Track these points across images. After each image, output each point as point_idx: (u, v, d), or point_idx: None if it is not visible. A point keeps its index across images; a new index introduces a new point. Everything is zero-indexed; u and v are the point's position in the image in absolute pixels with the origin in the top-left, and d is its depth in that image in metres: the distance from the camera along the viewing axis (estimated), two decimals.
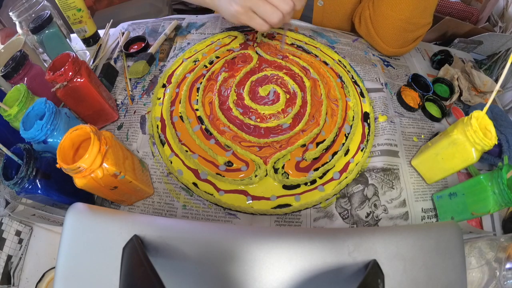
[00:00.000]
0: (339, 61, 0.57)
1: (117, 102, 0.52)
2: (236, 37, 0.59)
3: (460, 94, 0.55)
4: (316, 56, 0.57)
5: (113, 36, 0.65)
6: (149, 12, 1.18)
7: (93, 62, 0.59)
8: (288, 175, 0.42)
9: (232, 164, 0.43)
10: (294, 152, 0.44)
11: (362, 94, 0.52)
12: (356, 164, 0.44)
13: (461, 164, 0.38)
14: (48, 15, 0.52)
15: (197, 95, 0.50)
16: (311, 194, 0.41)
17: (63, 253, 0.25)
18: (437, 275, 0.24)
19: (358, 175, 0.43)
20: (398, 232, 0.26)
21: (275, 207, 0.40)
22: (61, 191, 0.36)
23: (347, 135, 0.47)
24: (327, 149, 0.45)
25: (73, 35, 0.66)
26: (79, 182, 0.32)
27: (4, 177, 0.34)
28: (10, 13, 0.57)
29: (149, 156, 0.45)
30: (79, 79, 0.41)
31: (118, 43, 0.62)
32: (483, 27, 0.68)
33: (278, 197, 0.41)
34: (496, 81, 0.63)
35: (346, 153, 0.45)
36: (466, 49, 0.69)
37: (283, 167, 0.43)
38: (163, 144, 0.45)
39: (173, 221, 0.28)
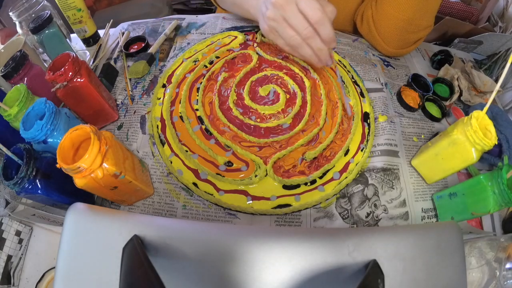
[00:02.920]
0: (339, 61, 0.57)
1: (117, 102, 0.52)
2: (236, 37, 0.59)
3: (460, 94, 0.55)
4: None
5: (113, 36, 0.65)
6: (149, 12, 1.18)
7: (93, 62, 0.59)
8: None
9: (232, 164, 0.43)
10: (294, 152, 0.44)
11: (362, 94, 0.52)
12: (356, 164, 0.44)
13: (461, 164, 0.38)
14: (48, 15, 0.52)
15: (197, 95, 0.50)
16: (311, 194, 0.41)
17: (63, 253, 0.25)
18: (437, 275, 0.24)
19: (358, 175, 0.43)
20: (398, 232, 0.26)
21: (275, 207, 0.40)
22: (61, 191, 0.36)
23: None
24: (326, 149, 0.45)
25: (73, 35, 0.67)
26: (79, 182, 0.32)
27: (4, 177, 0.34)
28: (10, 13, 0.57)
29: (149, 156, 0.45)
30: (79, 79, 0.41)
31: (118, 43, 0.62)
32: (483, 27, 0.68)
33: (278, 197, 0.41)
34: (496, 81, 0.63)
35: (346, 153, 0.45)
36: (466, 49, 0.69)
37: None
38: (163, 144, 0.45)
39: (173, 221, 0.28)
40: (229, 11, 0.65)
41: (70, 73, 0.40)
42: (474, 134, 0.35)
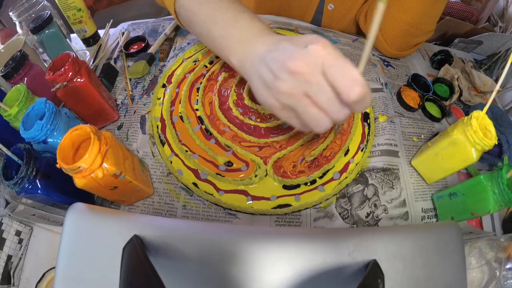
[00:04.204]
0: None
1: (117, 102, 0.52)
2: None
3: (460, 94, 0.55)
4: None
5: (113, 36, 0.65)
6: (149, 12, 1.18)
7: (93, 62, 0.59)
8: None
9: (232, 164, 0.43)
10: (294, 152, 0.44)
11: None
12: (356, 164, 0.44)
13: (461, 164, 0.38)
14: (48, 15, 0.52)
15: (197, 95, 0.50)
16: (311, 194, 0.41)
17: (63, 253, 0.25)
18: (437, 275, 0.24)
19: (358, 175, 0.43)
20: (398, 232, 0.26)
21: (275, 207, 0.40)
22: (61, 191, 0.36)
23: None
24: (326, 149, 0.45)
25: (73, 35, 0.67)
26: (79, 182, 0.32)
27: (4, 177, 0.34)
28: (10, 13, 0.57)
29: (149, 156, 0.45)
30: (79, 79, 0.41)
31: (118, 43, 0.62)
32: (483, 27, 0.68)
33: (278, 197, 0.41)
34: (496, 81, 0.63)
35: (346, 153, 0.45)
36: (466, 49, 0.69)
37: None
38: (163, 144, 0.45)
39: (173, 221, 0.28)
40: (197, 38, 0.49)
41: (70, 73, 0.40)
42: (474, 134, 0.35)
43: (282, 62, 0.29)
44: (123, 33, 0.64)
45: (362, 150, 0.45)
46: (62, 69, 0.40)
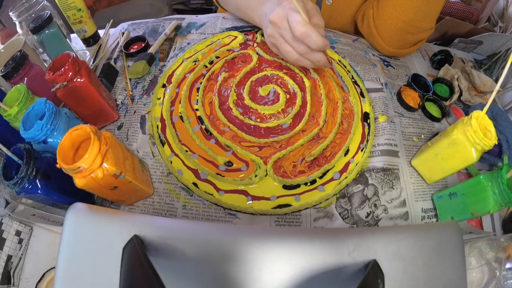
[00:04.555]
0: (339, 61, 0.57)
1: (117, 102, 0.52)
2: (236, 37, 0.59)
3: (460, 94, 0.55)
4: None
5: (113, 36, 0.65)
6: (149, 12, 1.18)
7: (93, 62, 0.59)
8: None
9: (232, 164, 0.43)
10: (294, 152, 0.44)
11: (362, 94, 0.52)
12: (356, 164, 0.44)
13: (461, 164, 0.38)
14: (48, 15, 0.52)
15: (197, 95, 0.50)
16: (311, 194, 0.41)
17: (63, 253, 0.25)
18: (437, 275, 0.24)
19: (358, 175, 0.43)
20: (398, 232, 0.26)
21: (275, 207, 0.40)
22: (61, 191, 0.36)
23: None
24: (326, 148, 0.45)
25: (73, 35, 0.67)
26: (79, 182, 0.32)
27: (4, 177, 0.34)
28: (10, 13, 0.57)
29: (149, 156, 0.45)
30: (79, 79, 0.41)
31: (118, 43, 0.62)
32: (483, 27, 0.68)
33: (278, 197, 0.41)
34: (496, 81, 0.63)
35: (346, 153, 0.45)
36: (466, 49, 0.69)
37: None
38: (163, 144, 0.45)
39: (173, 221, 0.28)
40: (232, 13, 0.65)
41: (70, 73, 0.40)
42: (474, 134, 0.35)
43: (268, 16, 0.45)
44: (123, 33, 0.64)
45: (362, 150, 0.45)
46: (62, 69, 0.40)
